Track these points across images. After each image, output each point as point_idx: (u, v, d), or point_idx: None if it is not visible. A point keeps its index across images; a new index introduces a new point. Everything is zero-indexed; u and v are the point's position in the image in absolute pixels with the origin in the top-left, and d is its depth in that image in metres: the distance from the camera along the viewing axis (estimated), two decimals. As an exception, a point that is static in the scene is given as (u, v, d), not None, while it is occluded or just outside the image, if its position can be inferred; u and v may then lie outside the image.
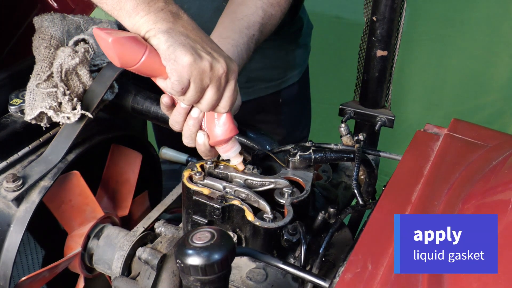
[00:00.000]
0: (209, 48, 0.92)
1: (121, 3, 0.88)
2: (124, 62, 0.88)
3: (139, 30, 0.89)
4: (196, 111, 0.97)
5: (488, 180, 0.91)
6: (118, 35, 0.86)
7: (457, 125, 1.10)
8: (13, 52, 1.51)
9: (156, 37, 0.87)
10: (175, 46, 0.87)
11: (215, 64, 0.90)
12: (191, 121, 0.98)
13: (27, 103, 1.09)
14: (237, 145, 1.04)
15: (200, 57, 0.89)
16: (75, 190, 1.15)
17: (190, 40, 0.89)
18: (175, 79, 0.88)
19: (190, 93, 0.91)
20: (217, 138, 1.00)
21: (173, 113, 0.99)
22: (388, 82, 1.37)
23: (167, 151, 1.37)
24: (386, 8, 1.23)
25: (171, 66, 0.87)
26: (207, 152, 1.02)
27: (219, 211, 1.00)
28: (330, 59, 2.63)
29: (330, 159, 1.12)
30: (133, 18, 0.88)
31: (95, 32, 0.88)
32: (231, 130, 1.00)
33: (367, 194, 1.24)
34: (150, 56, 0.88)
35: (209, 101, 0.93)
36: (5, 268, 1.04)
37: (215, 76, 0.91)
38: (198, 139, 1.00)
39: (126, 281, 1.09)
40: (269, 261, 0.91)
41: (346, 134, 1.24)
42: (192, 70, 0.88)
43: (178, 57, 0.87)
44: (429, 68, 2.73)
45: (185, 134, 1.01)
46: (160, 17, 0.88)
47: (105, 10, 0.91)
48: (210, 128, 1.00)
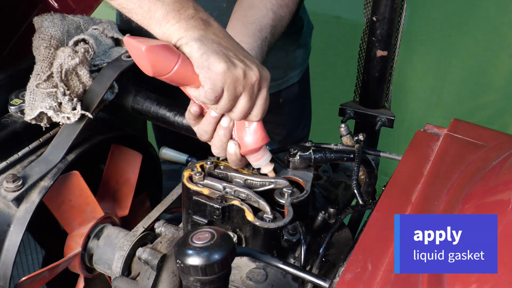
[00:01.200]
0: (241, 56, 0.90)
1: (151, 12, 0.87)
2: (157, 71, 0.86)
3: (170, 38, 0.88)
4: (226, 120, 0.96)
5: (488, 180, 0.91)
6: (151, 43, 0.85)
7: (457, 125, 1.10)
8: (13, 52, 1.51)
9: (189, 45, 0.86)
10: (209, 54, 0.86)
11: (248, 71, 0.89)
12: (221, 131, 0.97)
13: (27, 103, 1.09)
14: (268, 153, 1.02)
15: (233, 64, 0.87)
16: (75, 190, 1.15)
17: (223, 48, 0.88)
18: (209, 87, 0.87)
19: (223, 102, 0.90)
20: (249, 147, 0.98)
21: (202, 122, 0.97)
22: (388, 82, 1.37)
23: (167, 151, 1.37)
24: (386, 8, 1.23)
25: (205, 74, 0.86)
26: (237, 162, 1.01)
27: (219, 211, 1.00)
28: (330, 59, 2.63)
29: (330, 159, 1.12)
30: (164, 26, 0.87)
31: (126, 40, 0.87)
32: (263, 139, 0.98)
33: (367, 194, 1.24)
34: (183, 64, 0.86)
35: (242, 109, 0.92)
36: (5, 268, 1.04)
37: (249, 83, 0.90)
38: (229, 149, 0.99)
39: (126, 281, 1.10)
40: (269, 261, 0.91)
41: (346, 134, 1.24)
42: (226, 78, 0.87)
43: (212, 65, 0.86)
44: (429, 68, 2.73)
45: (216, 144, 0.99)
46: (191, 25, 0.87)
47: (135, 20, 0.90)
48: (241, 137, 0.98)
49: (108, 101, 1.18)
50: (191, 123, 0.99)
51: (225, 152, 1.00)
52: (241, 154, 0.99)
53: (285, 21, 1.25)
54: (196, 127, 1.00)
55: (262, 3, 1.20)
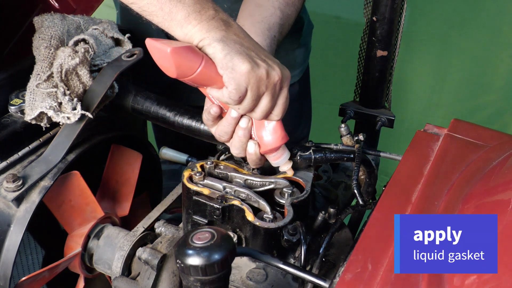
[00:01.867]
0: (263, 55, 0.91)
1: (171, 14, 0.87)
2: (181, 72, 0.87)
3: (191, 40, 0.88)
4: (245, 120, 0.96)
5: (488, 180, 0.91)
6: (174, 45, 0.85)
7: (457, 125, 1.10)
8: (13, 52, 1.51)
9: (212, 46, 0.87)
10: (232, 55, 0.86)
11: (271, 71, 0.90)
12: (241, 131, 0.97)
13: (27, 103, 1.09)
14: (287, 152, 1.03)
15: (257, 64, 0.88)
16: (75, 190, 1.15)
17: (245, 48, 0.89)
18: (233, 87, 0.87)
19: (246, 102, 0.90)
20: (269, 147, 0.99)
21: (222, 123, 0.97)
22: (388, 82, 1.37)
23: (167, 151, 1.37)
24: (386, 8, 1.23)
25: (229, 74, 0.87)
26: (257, 161, 1.01)
27: (219, 211, 1.00)
28: (330, 59, 2.63)
29: (330, 159, 1.12)
30: (185, 27, 0.87)
31: (149, 42, 0.86)
32: (282, 137, 0.99)
33: (367, 194, 1.24)
34: (207, 65, 0.87)
35: (264, 109, 0.93)
36: (5, 268, 1.04)
37: (271, 83, 0.91)
38: (249, 149, 0.99)
39: (126, 281, 1.10)
40: (269, 261, 0.91)
41: (346, 134, 1.24)
42: (250, 78, 0.87)
43: (236, 65, 0.86)
44: (429, 68, 2.73)
45: (236, 145, 0.99)
46: (212, 26, 0.88)
47: (155, 23, 0.90)
48: (260, 137, 0.98)
49: (108, 101, 1.18)
50: (209, 125, 0.99)
51: (244, 152, 1.00)
52: (261, 153, 1.00)
53: (292, 19, 1.25)
54: (214, 128, 0.99)
55: (270, 2, 1.20)
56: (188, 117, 1.15)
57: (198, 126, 1.13)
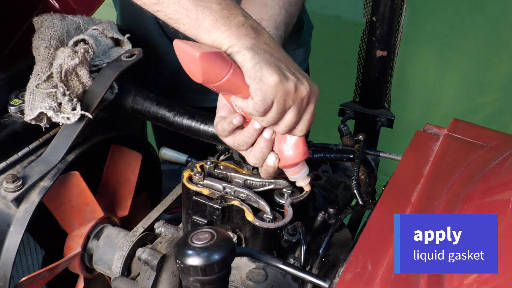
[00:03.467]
0: (292, 68, 0.88)
1: (198, 20, 0.85)
2: (207, 78, 0.84)
3: (220, 46, 0.85)
4: (269, 132, 0.93)
5: (488, 180, 0.91)
6: (203, 49, 0.82)
7: (457, 125, 1.10)
8: (13, 52, 1.51)
9: (241, 54, 0.84)
10: (261, 65, 0.84)
11: (300, 85, 0.87)
12: (263, 142, 0.93)
13: (27, 103, 1.09)
14: (306, 167, 0.99)
15: (286, 77, 0.85)
16: (75, 191, 1.15)
17: (275, 59, 0.86)
18: (259, 99, 0.84)
19: (271, 114, 0.87)
20: (289, 162, 0.95)
21: (243, 133, 0.93)
22: (388, 82, 1.37)
23: (167, 151, 1.37)
24: (386, 8, 1.23)
25: (256, 85, 0.84)
26: (272, 174, 0.98)
27: (219, 212, 1.00)
28: (330, 59, 2.63)
29: (330, 159, 1.12)
30: (213, 34, 0.85)
31: (177, 43, 0.83)
32: (304, 153, 0.95)
33: (367, 194, 1.24)
34: (234, 73, 0.84)
35: (289, 123, 0.89)
36: (5, 269, 1.04)
37: (298, 98, 0.87)
38: (269, 161, 0.95)
39: (126, 282, 1.09)
40: (269, 261, 0.91)
41: (346, 134, 1.24)
42: (278, 91, 0.84)
43: (264, 76, 0.83)
44: (429, 68, 2.73)
45: (256, 155, 0.95)
46: (242, 32, 0.85)
47: (182, 31, 0.87)
48: (281, 150, 0.95)
49: (108, 101, 1.18)
50: (225, 134, 0.94)
51: (263, 163, 0.96)
52: (279, 167, 0.96)
53: (295, 19, 1.23)
54: (231, 137, 0.95)
55: (275, 1, 1.18)
56: (188, 117, 1.15)
57: (198, 126, 1.13)
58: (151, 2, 0.87)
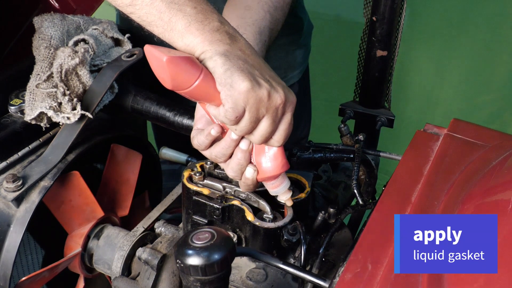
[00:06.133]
0: (267, 75, 0.85)
1: (171, 23, 0.82)
2: (176, 84, 0.81)
3: (193, 51, 0.83)
4: (246, 142, 0.89)
5: (488, 180, 0.91)
6: (172, 54, 0.79)
7: (457, 125, 1.10)
8: (13, 52, 1.51)
9: (213, 59, 0.81)
10: (233, 71, 0.81)
11: (273, 93, 0.83)
12: (240, 154, 0.90)
13: (27, 103, 1.09)
14: (287, 180, 0.96)
15: (258, 84, 0.82)
16: (75, 190, 1.15)
17: (248, 65, 0.83)
18: (230, 106, 0.81)
19: (243, 123, 0.84)
20: (267, 174, 0.92)
21: (220, 145, 0.90)
22: (388, 82, 1.37)
23: (167, 151, 1.37)
24: (386, 8, 1.23)
25: (227, 91, 0.81)
26: (251, 187, 0.94)
27: (219, 211, 1.00)
28: (330, 59, 2.63)
29: (330, 159, 1.12)
30: (186, 38, 0.82)
31: (147, 49, 0.81)
32: (283, 165, 0.92)
33: (367, 194, 1.24)
34: (205, 79, 0.81)
35: (263, 133, 0.86)
36: (5, 268, 1.04)
37: (272, 106, 0.84)
38: (247, 174, 0.92)
39: (126, 281, 1.10)
40: (269, 261, 0.91)
41: (346, 134, 1.24)
42: (249, 98, 0.81)
43: (235, 83, 0.80)
44: (429, 67, 2.73)
45: (234, 168, 0.91)
46: (216, 38, 0.82)
47: (156, 34, 0.85)
48: (259, 162, 0.91)
49: (108, 101, 1.18)
50: (204, 146, 0.91)
51: (241, 176, 0.93)
52: (258, 180, 0.93)
53: (280, 24, 1.20)
54: (209, 150, 0.91)
55: (259, 4, 1.15)
56: (188, 117, 1.15)
57: (198, 126, 1.12)
58: (125, 4, 0.84)
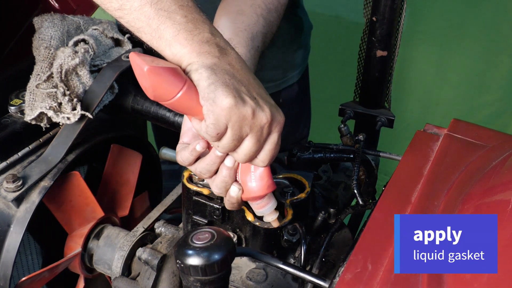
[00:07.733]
0: (254, 93, 0.82)
1: (159, 31, 0.79)
2: (157, 95, 0.78)
3: (180, 62, 0.80)
4: (230, 160, 0.86)
5: (488, 180, 0.91)
6: (156, 63, 0.77)
7: (457, 125, 1.10)
8: (13, 52, 1.51)
9: (198, 72, 0.78)
10: (217, 85, 0.77)
11: (259, 112, 0.80)
12: (225, 171, 0.87)
13: (27, 103, 1.09)
14: (273, 201, 0.93)
15: (242, 101, 0.79)
16: (75, 191, 1.15)
17: (235, 81, 0.80)
18: (211, 121, 0.78)
19: (226, 140, 0.81)
20: (252, 194, 0.89)
21: (205, 161, 0.87)
22: (388, 82, 1.37)
23: (167, 151, 1.37)
24: (386, 8, 1.23)
25: (209, 106, 0.78)
26: (235, 205, 0.91)
27: (219, 211, 1.00)
28: (330, 59, 2.63)
29: (330, 159, 1.12)
30: (174, 47, 0.79)
31: (131, 56, 0.78)
32: (268, 186, 0.89)
33: (367, 194, 1.24)
34: (188, 92, 0.78)
35: (247, 152, 0.82)
36: (5, 269, 1.04)
37: (257, 125, 0.80)
38: (231, 192, 0.89)
39: (126, 281, 1.10)
40: (269, 261, 0.91)
41: (346, 134, 1.24)
42: (232, 115, 0.78)
43: (218, 98, 0.77)
44: (429, 68, 2.73)
45: (218, 185, 0.89)
46: (204, 50, 0.79)
47: (145, 41, 0.82)
48: (244, 181, 0.89)
49: (108, 101, 1.18)
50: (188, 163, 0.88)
51: (226, 193, 0.90)
52: (243, 199, 0.90)
53: (275, 27, 1.17)
54: (194, 166, 0.89)
55: (252, 8, 1.12)
56: (188, 117, 1.14)
57: (198, 126, 1.12)
58: (114, 8, 0.81)
